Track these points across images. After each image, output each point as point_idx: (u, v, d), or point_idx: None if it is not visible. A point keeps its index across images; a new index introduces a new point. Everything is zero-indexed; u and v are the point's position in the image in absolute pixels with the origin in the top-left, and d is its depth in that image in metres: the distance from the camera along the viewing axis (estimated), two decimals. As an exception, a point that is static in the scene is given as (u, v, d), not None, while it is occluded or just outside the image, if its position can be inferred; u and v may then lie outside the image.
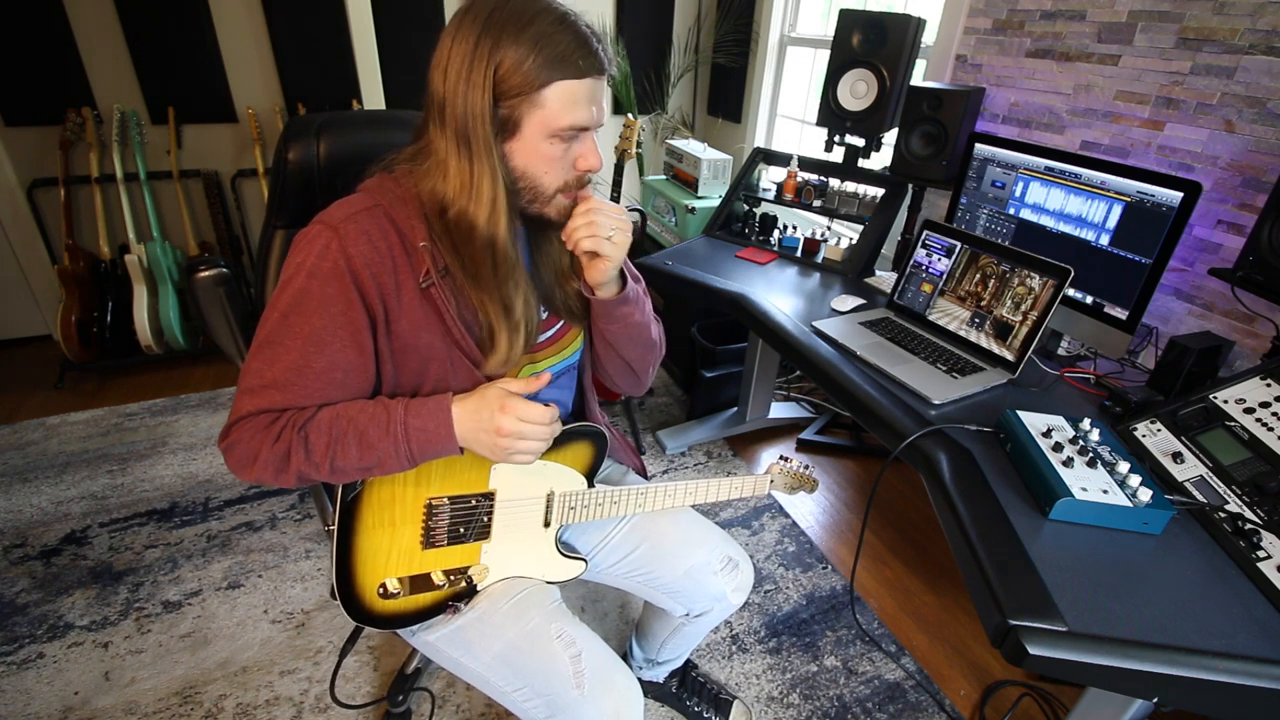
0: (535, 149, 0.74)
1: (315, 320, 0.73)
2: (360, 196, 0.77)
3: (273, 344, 0.74)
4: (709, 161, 2.40)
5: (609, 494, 0.99)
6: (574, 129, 0.74)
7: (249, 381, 0.75)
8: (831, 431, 2.40)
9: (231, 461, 0.77)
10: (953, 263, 1.45)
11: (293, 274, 0.74)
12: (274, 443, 0.74)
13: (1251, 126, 1.29)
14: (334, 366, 0.76)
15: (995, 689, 1.47)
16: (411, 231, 0.76)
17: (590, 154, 0.78)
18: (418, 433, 0.76)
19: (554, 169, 0.77)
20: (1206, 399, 1.05)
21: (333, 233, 0.73)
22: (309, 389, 0.76)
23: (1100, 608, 0.77)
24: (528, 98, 0.71)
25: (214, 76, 2.48)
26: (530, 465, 0.93)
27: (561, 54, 0.70)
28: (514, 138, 0.74)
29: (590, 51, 0.72)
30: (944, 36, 1.92)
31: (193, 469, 2.04)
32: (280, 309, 0.74)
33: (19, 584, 1.62)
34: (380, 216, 0.75)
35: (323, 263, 0.73)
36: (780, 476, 1.12)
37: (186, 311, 2.49)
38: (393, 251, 0.75)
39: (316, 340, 0.74)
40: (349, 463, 0.76)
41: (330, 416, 0.76)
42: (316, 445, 0.75)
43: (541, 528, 0.97)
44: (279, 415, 0.76)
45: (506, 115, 0.72)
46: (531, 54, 0.69)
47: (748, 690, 1.45)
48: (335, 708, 1.36)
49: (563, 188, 0.79)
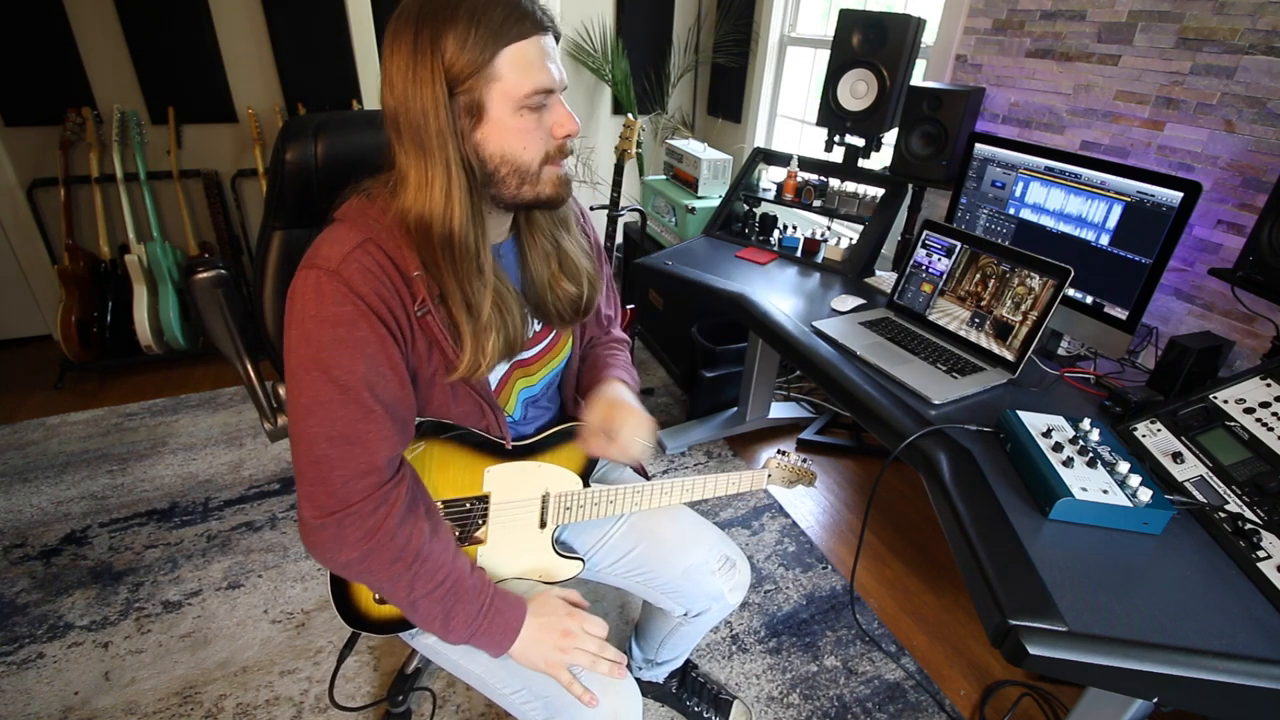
0: (506, 125, 0.72)
1: (359, 365, 0.71)
2: (346, 230, 0.73)
3: (325, 404, 0.70)
4: (709, 161, 2.40)
5: (605, 493, 0.99)
6: (538, 92, 0.71)
7: (319, 450, 0.71)
8: (831, 431, 2.40)
9: (330, 553, 0.74)
10: (953, 263, 1.45)
11: (312, 329, 0.70)
12: (391, 564, 0.74)
13: (1251, 126, 1.29)
14: (396, 402, 0.75)
15: (995, 689, 1.47)
16: (404, 261, 0.74)
17: (565, 119, 0.75)
18: (486, 631, 0.80)
19: (532, 142, 0.74)
20: (1206, 399, 1.05)
21: (334, 277, 0.70)
22: (381, 434, 0.73)
23: (1100, 608, 0.77)
24: (481, 74, 0.68)
25: (214, 76, 2.48)
26: (525, 466, 0.93)
27: (500, 20, 0.67)
28: (482, 121, 0.71)
29: (526, 12, 0.69)
30: (944, 36, 1.92)
31: (193, 469, 2.04)
32: (316, 366, 0.70)
33: (19, 584, 1.62)
34: (374, 250, 0.72)
35: (341, 309, 0.70)
36: (778, 471, 1.11)
37: (186, 311, 2.49)
38: (394, 283, 0.73)
39: (369, 384, 0.72)
40: (423, 611, 0.77)
41: (445, 572, 0.78)
42: (417, 587, 0.76)
43: (538, 529, 0.97)
44: (395, 533, 0.74)
45: (468, 100, 0.70)
46: (471, 28, 0.67)
47: (748, 690, 1.45)
48: (335, 709, 1.36)
49: (546, 159, 0.76)
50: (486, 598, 0.80)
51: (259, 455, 2.12)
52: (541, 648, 0.82)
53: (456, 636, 0.79)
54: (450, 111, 0.69)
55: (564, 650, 0.82)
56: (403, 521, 0.75)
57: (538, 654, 0.82)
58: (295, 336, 0.71)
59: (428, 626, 0.79)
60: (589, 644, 0.84)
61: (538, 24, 0.70)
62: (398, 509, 0.75)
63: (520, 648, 0.82)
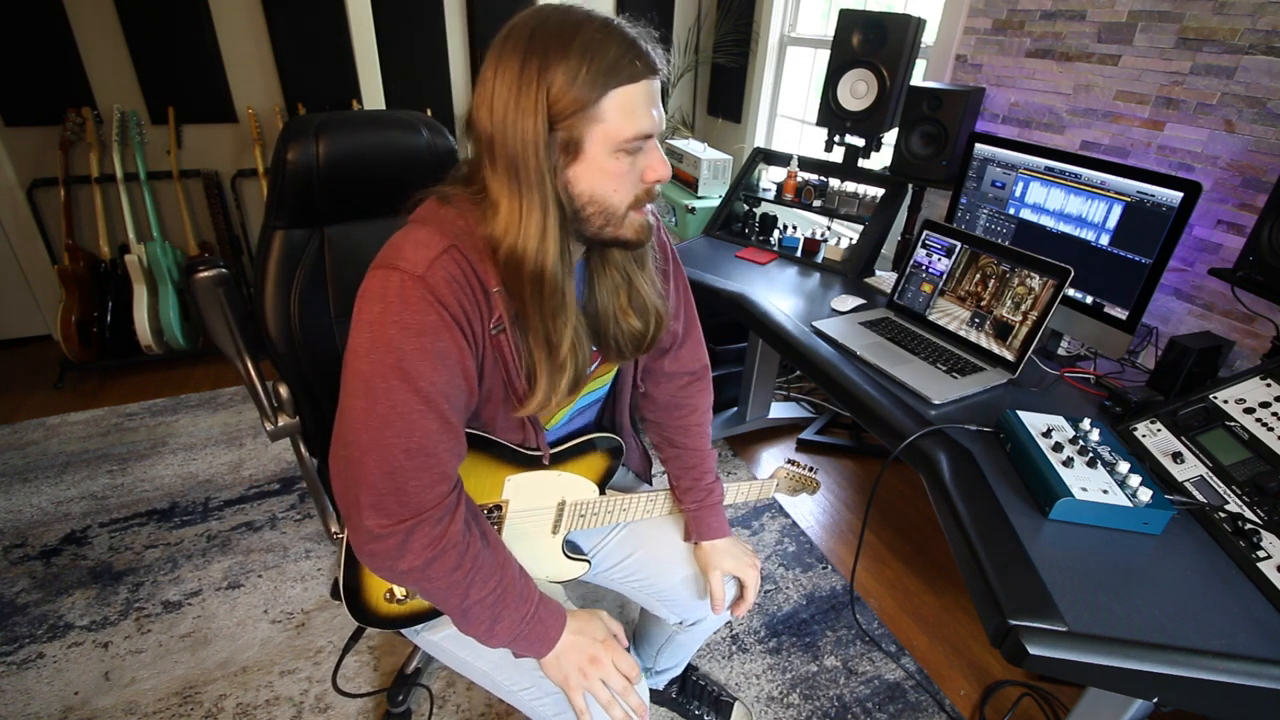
0: (602, 167, 0.69)
1: (440, 376, 0.69)
2: (430, 234, 0.70)
3: (405, 414, 0.68)
4: (709, 161, 2.40)
5: (619, 501, 0.99)
6: (638, 138, 0.69)
7: (395, 461, 0.68)
8: (831, 431, 2.40)
9: (389, 561, 0.71)
10: (953, 263, 1.45)
11: (396, 335, 0.67)
12: (453, 570, 0.73)
13: (1251, 126, 1.29)
14: (466, 413, 0.75)
15: (995, 689, 1.47)
16: (486, 274, 0.72)
17: (658, 164, 0.72)
18: (527, 636, 0.79)
19: (623, 185, 0.71)
20: (1206, 399, 1.05)
21: (420, 283, 0.67)
22: (453, 445, 0.73)
23: (1100, 608, 0.77)
24: (584, 114, 0.66)
25: (214, 76, 2.48)
26: (546, 475, 0.92)
27: (614, 61, 0.65)
28: (577, 160, 0.69)
29: (641, 53, 0.67)
30: (944, 36, 1.92)
31: (193, 469, 2.04)
32: (397, 375, 0.67)
33: (19, 584, 1.62)
34: (460, 258, 0.70)
35: (427, 317, 0.67)
36: (786, 480, 1.12)
37: (186, 311, 2.49)
38: (475, 295, 0.71)
39: (447, 396, 0.70)
40: (474, 616, 0.76)
41: (498, 578, 0.76)
42: (472, 594, 0.75)
43: (550, 535, 0.97)
44: (460, 540, 0.73)
45: (566, 137, 0.67)
46: (583, 65, 0.64)
47: (748, 690, 1.45)
48: (335, 708, 1.36)
49: (633, 204, 0.73)
50: (532, 604, 0.80)
51: (259, 455, 2.12)
52: (565, 664, 0.81)
53: (499, 640, 0.78)
54: (549, 147, 0.67)
55: (586, 675, 0.81)
56: (466, 528, 0.74)
57: (557, 669, 0.81)
58: (372, 341, 0.67)
59: (472, 630, 0.78)
60: (614, 680, 0.81)
61: (649, 67, 0.68)
62: (461, 514, 0.74)
63: (549, 657, 0.81)
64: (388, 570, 0.72)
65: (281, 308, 0.98)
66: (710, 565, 1.01)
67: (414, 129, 1.04)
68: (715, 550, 1.01)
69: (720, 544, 1.02)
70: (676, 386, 1.04)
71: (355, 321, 0.69)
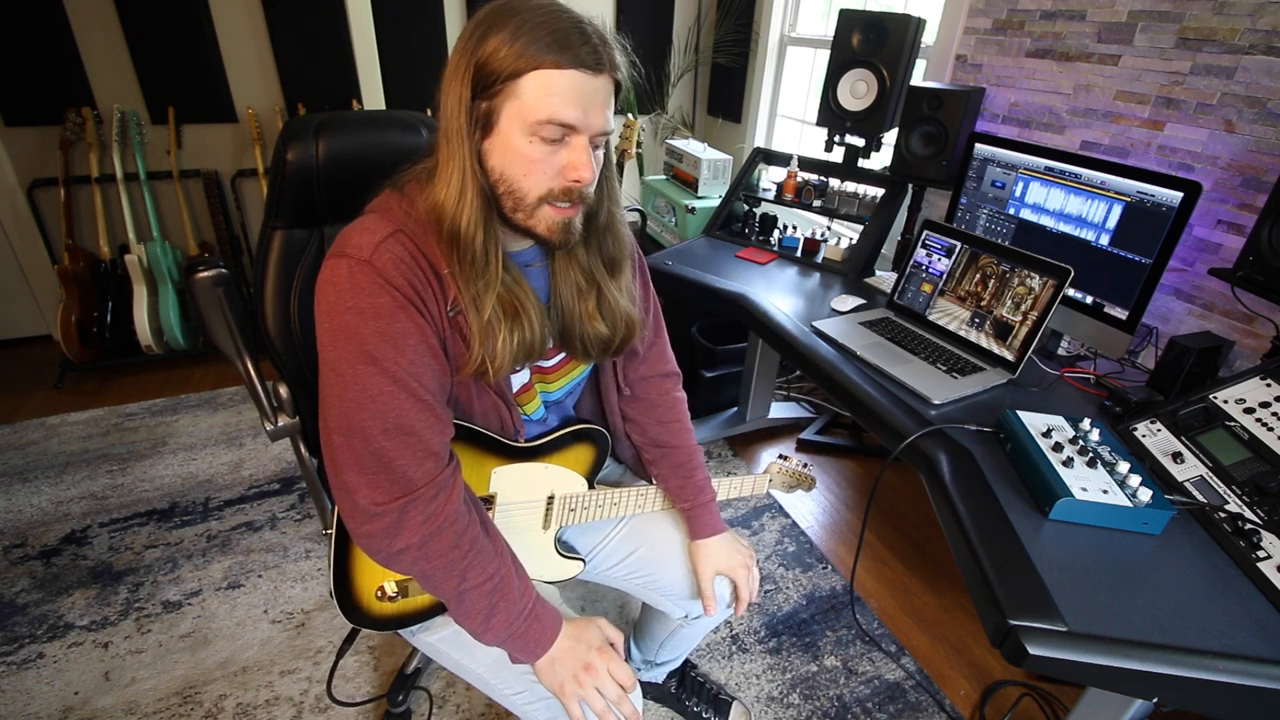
0: (512, 146, 0.69)
1: (404, 356, 0.70)
2: (376, 220, 0.72)
3: (375, 396, 0.69)
4: (709, 161, 2.40)
5: (609, 495, 0.99)
6: (553, 124, 0.67)
7: (375, 443, 0.69)
8: (831, 431, 2.40)
9: (385, 541, 0.71)
10: (953, 263, 1.45)
11: (352, 321, 0.68)
12: (450, 550, 0.73)
13: (1251, 126, 1.29)
14: (442, 390, 0.75)
15: (995, 689, 1.47)
16: (435, 257, 0.72)
17: (582, 164, 0.70)
18: (522, 635, 0.78)
19: (534, 172, 0.70)
20: (1206, 399, 1.05)
21: (366, 266, 0.68)
22: (434, 422, 0.73)
23: (1100, 608, 0.77)
24: (504, 87, 0.66)
25: (214, 76, 2.48)
26: (533, 468, 0.93)
27: (546, 43, 0.65)
28: (491, 133, 0.69)
29: (581, 44, 0.66)
30: (944, 36, 1.92)
31: (193, 469, 2.04)
32: (362, 359, 0.68)
33: (19, 584, 1.62)
34: (406, 241, 0.71)
35: (378, 300, 0.68)
36: (779, 475, 1.12)
37: (186, 311, 2.49)
38: (426, 276, 0.72)
39: (415, 375, 0.71)
40: (470, 604, 0.75)
41: (495, 565, 0.76)
42: (469, 577, 0.74)
43: (541, 530, 0.97)
44: (455, 519, 0.73)
45: (486, 108, 0.68)
46: (514, 40, 0.65)
47: (748, 690, 1.45)
48: (335, 707, 1.36)
49: (547, 196, 0.72)
50: (529, 602, 0.79)
51: (259, 455, 2.12)
52: (559, 670, 0.80)
53: (494, 636, 0.77)
54: (471, 115, 0.68)
55: (580, 683, 0.79)
56: (462, 507, 0.74)
57: (552, 675, 0.80)
58: (333, 329, 0.69)
59: (468, 623, 0.77)
60: (608, 688, 0.80)
61: (580, 60, 0.66)
62: (457, 494, 0.74)
63: (543, 661, 0.80)
64: (384, 550, 0.72)
65: (281, 308, 0.98)
66: (702, 564, 1.01)
67: (414, 129, 1.04)
68: (708, 549, 1.01)
69: (714, 543, 1.01)
70: (651, 385, 1.05)
71: (316, 312, 0.71)
